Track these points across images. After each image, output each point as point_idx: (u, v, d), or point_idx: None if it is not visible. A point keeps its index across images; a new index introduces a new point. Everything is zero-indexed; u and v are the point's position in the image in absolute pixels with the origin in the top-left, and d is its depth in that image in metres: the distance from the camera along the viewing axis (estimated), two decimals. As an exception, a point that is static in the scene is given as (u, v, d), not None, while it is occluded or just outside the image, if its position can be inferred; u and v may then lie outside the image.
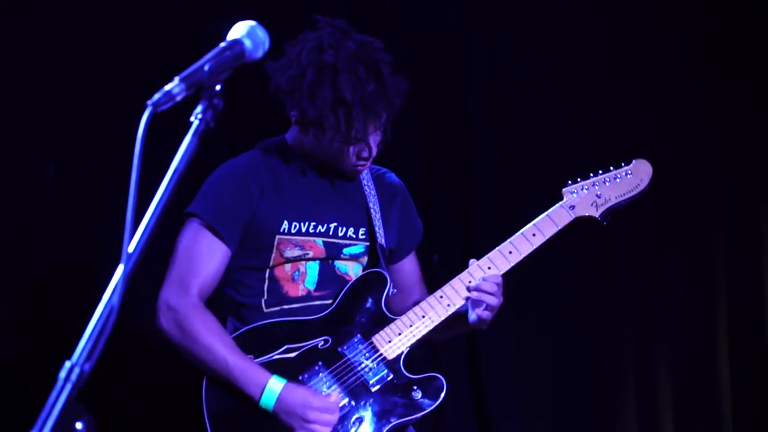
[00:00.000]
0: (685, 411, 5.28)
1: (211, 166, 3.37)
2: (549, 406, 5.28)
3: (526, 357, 5.26)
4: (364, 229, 3.29)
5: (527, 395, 5.27)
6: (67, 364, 1.59)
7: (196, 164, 3.08)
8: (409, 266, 3.46)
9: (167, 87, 1.83)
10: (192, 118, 1.85)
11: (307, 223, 3.19)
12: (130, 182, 1.69)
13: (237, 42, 1.98)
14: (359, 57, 3.04)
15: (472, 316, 3.18)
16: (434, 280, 3.52)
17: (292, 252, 3.17)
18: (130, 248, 1.72)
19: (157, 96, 1.80)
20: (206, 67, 1.90)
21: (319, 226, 3.20)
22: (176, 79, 1.85)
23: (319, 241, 3.20)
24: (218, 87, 1.89)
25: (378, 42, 3.14)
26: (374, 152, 3.17)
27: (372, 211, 3.30)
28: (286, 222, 3.14)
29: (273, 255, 3.15)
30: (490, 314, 3.17)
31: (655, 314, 5.36)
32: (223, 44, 1.97)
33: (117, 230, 1.77)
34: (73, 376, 1.59)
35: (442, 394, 3.17)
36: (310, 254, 3.18)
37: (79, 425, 1.57)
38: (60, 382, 1.59)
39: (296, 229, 3.16)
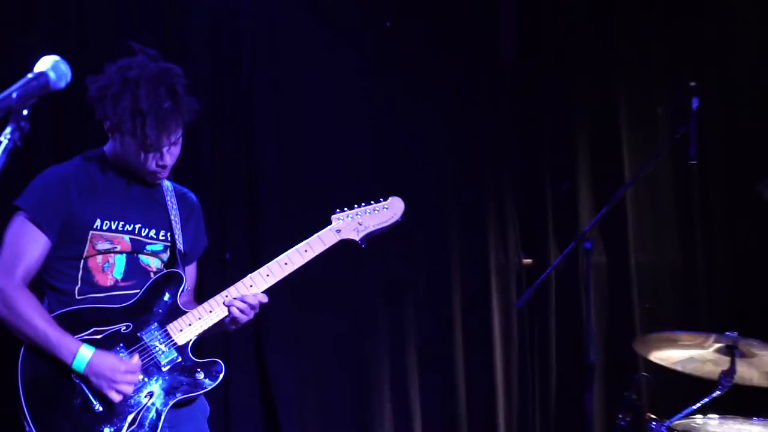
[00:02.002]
0: (427, 380, 5.29)
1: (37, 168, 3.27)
2: (320, 383, 5.17)
3: (302, 340, 5.13)
4: (165, 232, 3.24)
5: (302, 371, 5.12)
6: None
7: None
8: (189, 271, 3.43)
9: None
10: (1, 138, 1.79)
11: (116, 222, 3.10)
12: None
13: (42, 74, 1.90)
14: (160, 78, 3.00)
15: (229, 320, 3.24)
16: (226, 274, 3.65)
17: (103, 245, 3.08)
18: None
19: None
20: (14, 95, 1.82)
21: (127, 225, 3.12)
22: None
23: (126, 237, 3.13)
24: (25, 112, 1.83)
25: (178, 69, 3.10)
26: (169, 162, 3.13)
27: (173, 220, 3.26)
28: (98, 220, 3.06)
29: (86, 247, 3.06)
30: (240, 322, 3.21)
31: (404, 304, 5.31)
32: (30, 75, 1.89)
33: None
34: None
35: (221, 376, 3.15)
36: (118, 248, 3.10)
37: None
38: None
39: (107, 227, 3.07)
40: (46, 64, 1.92)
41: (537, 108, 5.72)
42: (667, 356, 4.14)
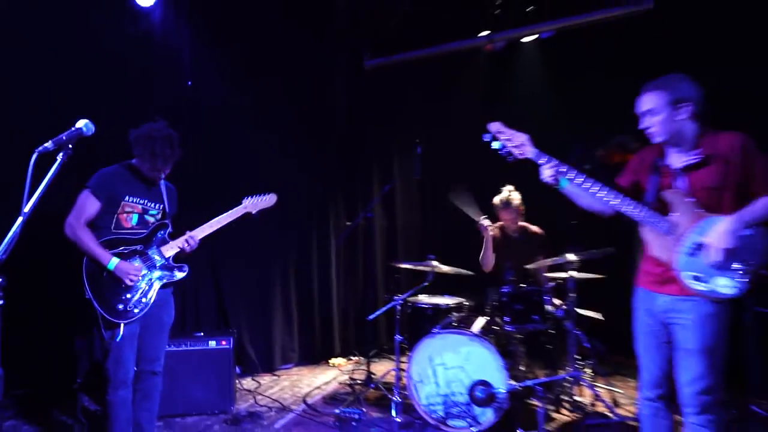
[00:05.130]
0: (300, 281, 5.28)
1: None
2: (245, 290, 4.94)
3: (240, 271, 4.92)
4: (159, 204, 3.16)
5: (239, 284, 4.92)
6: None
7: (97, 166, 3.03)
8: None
9: (46, 144, 1.87)
10: (57, 157, 1.92)
11: (135, 198, 3.07)
12: (25, 190, 1.80)
13: (79, 128, 2.00)
14: (167, 138, 3.00)
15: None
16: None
17: (127, 208, 3.05)
18: (26, 209, 1.82)
19: (41, 147, 1.86)
20: (64, 138, 1.93)
21: (141, 200, 3.09)
22: (50, 142, 1.89)
23: (139, 206, 3.09)
24: (70, 146, 1.94)
25: (176, 133, 3.06)
26: (163, 175, 3.13)
27: (164, 198, 3.18)
28: (127, 196, 3.04)
29: (119, 208, 3.03)
30: (186, 251, 3.15)
31: (288, 251, 5.20)
32: (73, 128, 1.99)
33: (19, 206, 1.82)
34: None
35: (186, 272, 3.14)
36: (134, 211, 3.08)
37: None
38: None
39: (130, 200, 3.05)
40: (81, 123, 2.01)
41: (355, 153, 5.64)
42: (408, 266, 4.16)
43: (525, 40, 4.87)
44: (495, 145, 2.46)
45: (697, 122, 2.35)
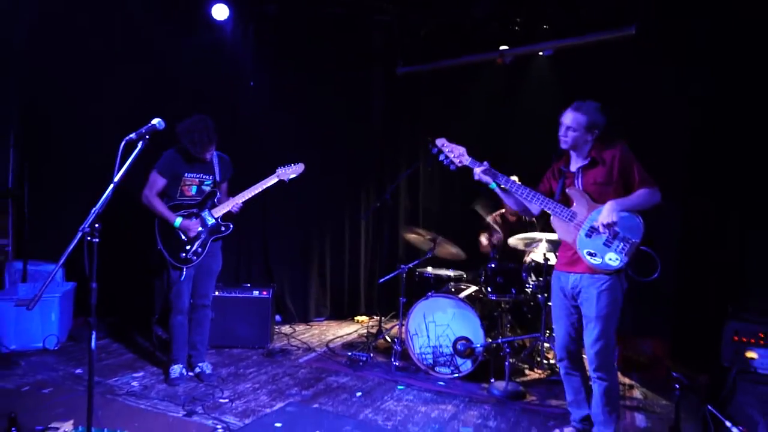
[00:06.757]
0: (334, 250, 5.44)
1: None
2: (290, 248, 5.20)
3: (283, 235, 5.16)
4: (211, 176, 3.34)
5: (282, 245, 5.16)
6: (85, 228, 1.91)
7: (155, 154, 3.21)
8: (224, 186, 3.46)
9: (130, 135, 2.04)
10: (138, 144, 2.06)
11: (193, 174, 3.28)
12: (116, 166, 1.98)
13: (153, 124, 2.12)
14: (206, 128, 3.18)
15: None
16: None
17: (188, 181, 3.26)
18: (116, 179, 1.97)
19: (126, 138, 2.03)
20: (143, 130, 2.08)
21: (197, 175, 3.29)
22: (134, 134, 2.05)
23: (197, 179, 3.30)
24: (147, 136, 2.09)
25: (212, 122, 3.19)
26: (208, 157, 3.27)
27: (215, 170, 3.34)
28: (186, 173, 3.26)
29: (181, 182, 3.26)
30: (234, 211, 3.32)
31: (324, 225, 5.35)
32: (149, 124, 2.11)
33: (108, 178, 1.97)
34: (85, 228, 1.91)
35: (231, 229, 3.33)
36: (193, 183, 3.28)
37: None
38: (79, 232, 1.87)
39: (189, 175, 3.26)
40: (155, 120, 2.15)
41: (386, 145, 5.70)
42: (415, 238, 4.24)
43: (540, 54, 4.99)
44: (440, 156, 2.63)
45: (594, 139, 2.63)
